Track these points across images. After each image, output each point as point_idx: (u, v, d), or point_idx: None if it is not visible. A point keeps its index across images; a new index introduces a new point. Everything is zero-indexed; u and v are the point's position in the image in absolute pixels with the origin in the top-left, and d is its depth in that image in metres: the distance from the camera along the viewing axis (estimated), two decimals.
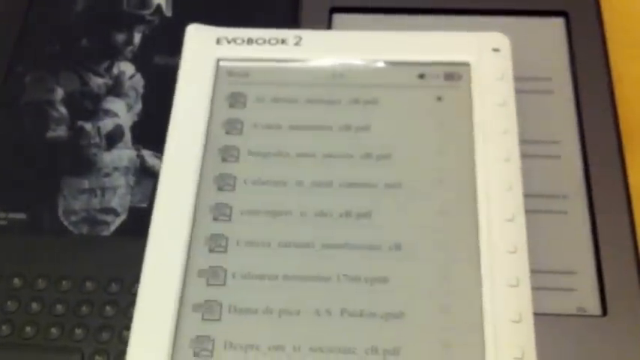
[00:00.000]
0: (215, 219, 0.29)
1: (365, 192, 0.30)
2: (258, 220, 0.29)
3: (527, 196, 0.30)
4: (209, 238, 0.29)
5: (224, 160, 0.30)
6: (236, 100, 0.32)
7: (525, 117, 0.32)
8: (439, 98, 0.31)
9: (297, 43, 0.33)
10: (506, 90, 0.31)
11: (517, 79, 0.32)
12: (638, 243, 0.30)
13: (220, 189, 0.30)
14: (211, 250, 0.29)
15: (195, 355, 0.27)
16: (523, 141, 0.31)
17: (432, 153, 0.30)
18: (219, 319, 0.27)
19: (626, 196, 0.31)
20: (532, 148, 0.32)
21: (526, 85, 0.33)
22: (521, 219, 0.29)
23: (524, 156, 0.31)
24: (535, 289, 0.28)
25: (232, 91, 0.32)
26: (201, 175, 0.30)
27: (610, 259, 0.30)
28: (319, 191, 0.30)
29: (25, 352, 0.29)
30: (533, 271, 0.28)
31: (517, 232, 0.28)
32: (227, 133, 0.31)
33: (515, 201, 0.29)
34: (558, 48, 0.35)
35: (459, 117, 0.31)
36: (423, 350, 0.27)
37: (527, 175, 0.30)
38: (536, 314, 0.27)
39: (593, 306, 0.29)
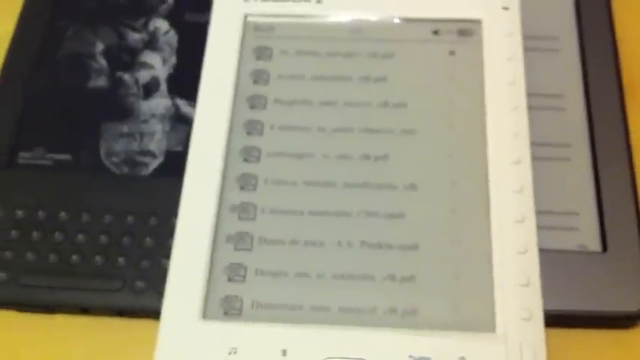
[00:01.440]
0: (245, 160, 0.32)
1: (382, 137, 0.32)
2: (284, 162, 0.32)
3: (534, 144, 0.32)
4: (240, 177, 0.31)
5: (252, 107, 0.33)
6: (262, 52, 0.34)
7: (533, 72, 0.34)
8: (452, 53, 0.34)
9: (318, 1, 0.35)
10: (515, 45, 0.33)
11: (525, 37, 0.34)
12: (636, 186, 0.32)
13: (249, 133, 0.32)
14: (242, 188, 0.31)
15: (230, 280, 0.29)
16: (530, 94, 0.33)
17: (444, 102, 0.33)
18: (250, 249, 0.30)
19: (627, 145, 0.33)
20: (539, 101, 0.34)
21: (534, 43, 0.35)
22: (527, 162, 0.31)
23: (531, 108, 0.33)
24: (540, 228, 0.30)
25: (259, 44, 0.34)
26: (231, 121, 0.32)
27: (610, 201, 0.32)
28: (340, 136, 0.32)
29: (72, 278, 0.32)
30: (539, 212, 0.30)
31: (523, 174, 0.31)
32: (254, 82, 0.33)
33: (521, 146, 0.31)
34: (565, 7, 0.37)
35: (470, 70, 0.33)
36: (435, 278, 0.29)
37: (534, 125, 0.32)
38: (540, 250, 0.29)
39: (594, 243, 0.32)
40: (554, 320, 0.30)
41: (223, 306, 0.29)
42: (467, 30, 0.34)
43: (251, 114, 0.33)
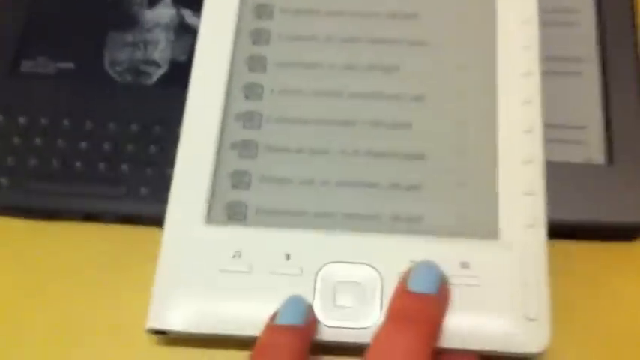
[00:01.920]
0: (251, 69, 0.31)
1: (391, 48, 0.32)
2: (290, 71, 0.31)
3: (546, 58, 0.32)
4: (245, 86, 0.31)
5: (259, 17, 0.32)
6: None
7: None
8: None
9: None
10: None
11: None
12: None
13: (255, 43, 0.32)
14: (247, 97, 0.31)
15: (234, 187, 0.29)
16: (544, 9, 0.32)
17: (455, 15, 0.32)
18: (255, 157, 0.30)
19: (636, 61, 0.33)
20: (552, 16, 0.34)
21: None
22: (536, 74, 0.30)
23: (544, 23, 0.32)
24: (548, 141, 0.30)
25: None
26: (237, 31, 0.32)
27: (617, 116, 0.32)
28: (347, 46, 0.32)
29: (75, 184, 0.32)
30: (548, 125, 0.30)
31: (533, 85, 0.30)
32: None
33: (531, 58, 0.30)
34: None
35: None
36: (440, 187, 0.29)
37: (546, 39, 0.32)
38: (547, 162, 0.29)
39: (600, 156, 0.32)
40: (560, 231, 0.30)
41: (227, 211, 0.29)
42: None
43: (258, 23, 0.32)
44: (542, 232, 0.28)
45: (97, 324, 0.31)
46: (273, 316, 0.26)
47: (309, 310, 0.27)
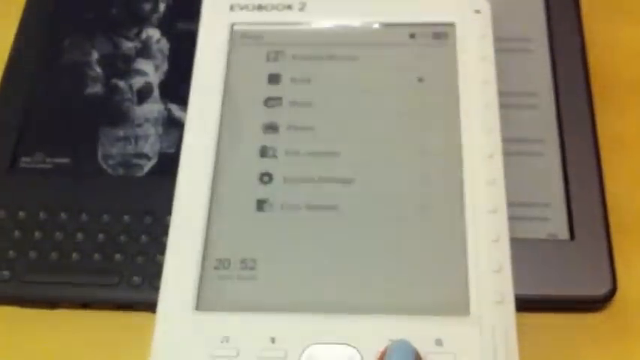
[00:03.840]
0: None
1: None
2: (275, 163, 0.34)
3: (509, 140, 0.34)
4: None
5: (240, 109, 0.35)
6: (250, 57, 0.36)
7: (506, 72, 0.36)
8: (428, 55, 0.36)
9: (301, 9, 0.37)
10: (486, 47, 0.35)
11: (499, 39, 0.36)
12: (603, 180, 0.34)
13: None
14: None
15: (221, 274, 0.31)
16: (505, 93, 0.35)
17: (419, 103, 0.34)
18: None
19: (594, 141, 0.35)
20: (513, 99, 0.36)
21: (506, 45, 0.37)
22: (499, 157, 0.32)
23: (505, 106, 0.34)
24: (513, 218, 0.32)
25: (246, 50, 0.36)
26: (220, 125, 0.34)
27: (578, 193, 0.34)
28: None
29: (72, 274, 0.34)
30: (513, 204, 0.32)
31: (496, 167, 0.32)
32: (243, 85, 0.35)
33: (494, 141, 0.33)
34: (536, 11, 0.39)
35: (445, 70, 0.35)
36: (414, 269, 0.31)
37: (508, 122, 0.34)
38: (512, 239, 0.31)
39: (563, 232, 0.34)
40: (526, 304, 0.31)
41: (215, 297, 0.31)
42: (441, 33, 0.36)
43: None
44: (510, 307, 0.30)
45: None
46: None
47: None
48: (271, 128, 0.34)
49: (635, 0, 0.41)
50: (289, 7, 0.37)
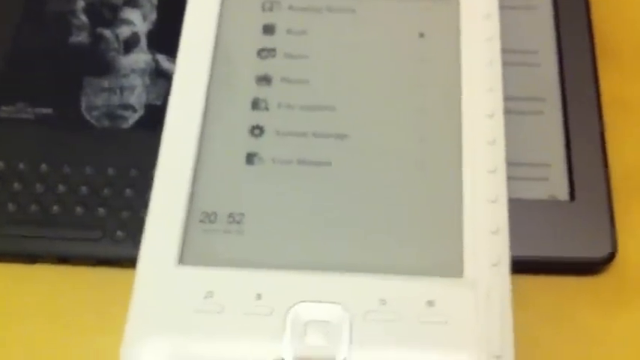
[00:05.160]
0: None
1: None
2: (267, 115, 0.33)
3: (509, 98, 0.33)
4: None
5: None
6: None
7: (509, 29, 0.35)
8: (430, 10, 0.34)
9: None
10: (491, 4, 0.33)
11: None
12: (605, 140, 0.33)
13: None
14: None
15: (206, 228, 0.30)
16: (507, 50, 0.34)
17: (418, 60, 0.33)
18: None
19: (597, 100, 0.34)
20: (515, 57, 0.35)
21: (510, 2, 0.36)
22: (500, 116, 0.31)
23: (507, 64, 0.33)
24: (512, 178, 0.31)
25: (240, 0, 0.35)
26: (210, 76, 0.33)
27: (579, 153, 0.33)
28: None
29: (52, 228, 0.32)
30: (512, 163, 0.31)
31: (496, 126, 0.31)
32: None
33: (495, 100, 0.31)
34: None
35: (447, 26, 0.33)
36: (407, 227, 0.30)
37: (509, 80, 0.33)
38: (511, 199, 0.30)
39: (563, 193, 0.33)
40: (524, 266, 0.31)
41: (200, 252, 0.30)
42: None
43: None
44: (506, 270, 0.29)
45: None
46: None
47: None
48: (264, 80, 0.33)
49: None
50: None
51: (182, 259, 0.29)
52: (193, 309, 0.28)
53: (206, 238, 0.30)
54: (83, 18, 0.37)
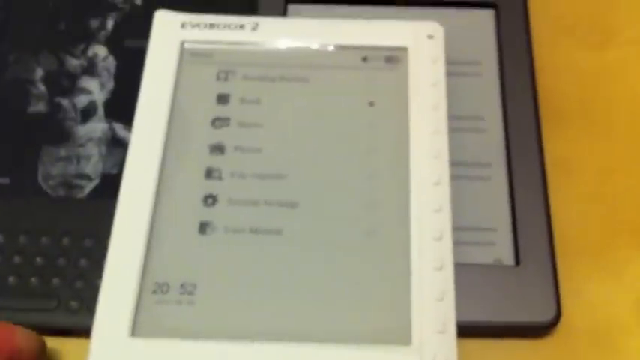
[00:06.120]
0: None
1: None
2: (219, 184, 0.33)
3: (456, 164, 0.34)
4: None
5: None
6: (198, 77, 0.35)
7: (456, 96, 0.36)
8: (379, 79, 0.35)
9: (253, 29, 0.37)
10: (438, 72, 0.35)
11: (450, 62, 0.36)
12: (549, 205, 0.34)
13: None
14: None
15: (158, 299, 0.31)
16: (454, 116, 0.35)
17: (367, 127, 0.34)
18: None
19: (541, 165, 0.35)
20: (462, 123, 0.36)
21: (457, 68, 0.37)
22: (446, 183, 0.32)
23: (455, 130, 0.35)
24: (460, 243, 0.33)
25: (195, 69, 0.36)
26: (165, 146, 0.33)
27: (524, 218, 0.34)
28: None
29: (8, 298, 0.33)
30: (460, 228, 0.33)
31: (443, 194, 0.32)
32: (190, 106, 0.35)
33: (441, 167, 0.33)
34: (487, 36, 0.39)
35: (396, 95, 0.35)
36: (356, 295, 0.30)
37: (457, 146, 0.35)
38: (458, 264, 0.31)
39: (508, 257, 0.34)
40: (472, 330, 0.32)
41: (151, 324, 0.30)
42: (394, 57, 0.36)
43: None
44: (452, 336, 0.30)
45: None
46: None
47: None
48: (218, 149, 0.34)
49: (584, 25, 0.41)
50: (241, 26, 0.36)
51: (134, 331, 0.30)
52: None
53: (158, 309, 0.30)
54: (42, 87, 0.38)
